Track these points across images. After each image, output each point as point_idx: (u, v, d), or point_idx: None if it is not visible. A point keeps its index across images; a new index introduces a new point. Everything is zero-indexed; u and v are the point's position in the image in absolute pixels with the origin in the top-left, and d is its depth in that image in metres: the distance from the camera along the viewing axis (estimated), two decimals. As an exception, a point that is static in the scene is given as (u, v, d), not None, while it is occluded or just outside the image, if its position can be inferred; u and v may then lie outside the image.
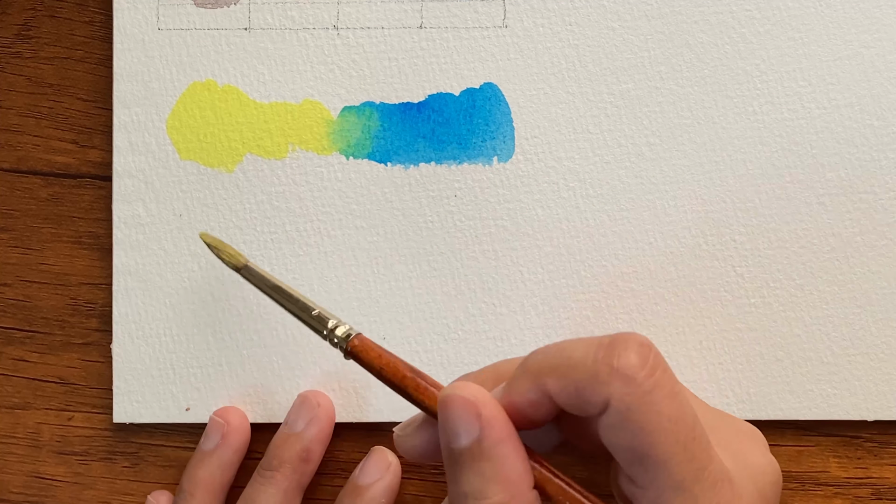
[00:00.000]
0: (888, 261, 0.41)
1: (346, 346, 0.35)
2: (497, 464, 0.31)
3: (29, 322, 0.42)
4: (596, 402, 0.30)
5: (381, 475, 0.40)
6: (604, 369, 0.30)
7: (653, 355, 0.31)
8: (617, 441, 0.31)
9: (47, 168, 0.42)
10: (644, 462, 0.30)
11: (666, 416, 0.30)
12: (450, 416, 0.32)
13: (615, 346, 0.31)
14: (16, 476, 0.42)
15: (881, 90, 0.41)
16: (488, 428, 0.31)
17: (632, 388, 0.30)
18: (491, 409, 0.32)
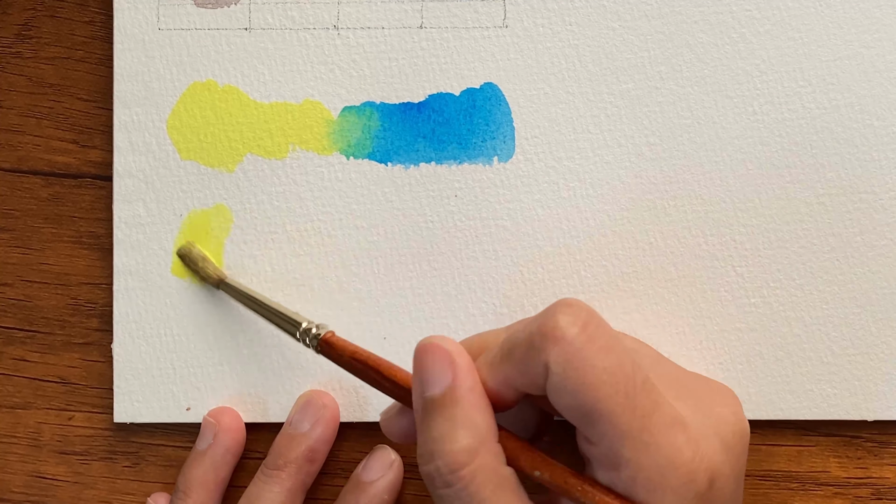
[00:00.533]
0: (888, 261, 0.41)
1: (317, 343, 0.37)
2: (467, 410, 0.32)
3: (29, 322, 0.42)
4: (538, 371, 0.31)
5: (384, 472, 0.40)
6: (537, 337, 0.31)
7: (584, 313, 0.31)
8: (563, 404, 0.31)
9: (48, 168, 0.42)
10: (590, 418, 0.31)
11: (601, 368, 0.31)
12: (426, 364, 0.33)
13: (546, 314, 0.32)
14: (16, 476, 0.42)
15: (881, 90, 0.41)
16: (460, 376, 0.33)
17: (564, 347, 0.31)
18: (463, 358, 0.33)
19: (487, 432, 0.32)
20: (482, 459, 0.32)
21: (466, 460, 0.32)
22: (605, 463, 0.32)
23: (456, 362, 0.33)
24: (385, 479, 0.40)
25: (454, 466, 0.32)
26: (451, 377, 0.33)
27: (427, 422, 0.33)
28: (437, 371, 0.33)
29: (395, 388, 0.35)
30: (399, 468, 0.40)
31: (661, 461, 0.31)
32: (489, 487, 0.32)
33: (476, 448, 0.32)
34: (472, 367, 0.33)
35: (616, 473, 0.31)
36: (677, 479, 0.31)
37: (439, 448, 0.32)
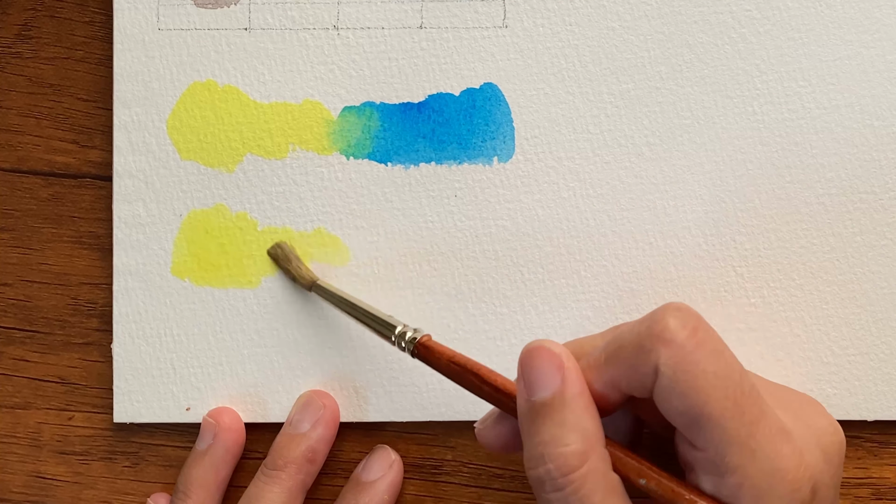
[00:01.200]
0: (888, 261, 0.41)
1: (413, 347, 0.36)
2: (577, 414, 0.32)
3: (29, 322, 0.42)
4: (647, 372, 0.31)
5: (385, 472, 0.40)
6: (647, 340, 0.31)
7: (692, 317, 0.32)
8: (671, 407, 0.31)
9: (48, 168, 0.42)
10: (699, 422, 0.31)
11: (712, 372, 0.31)
12: (534, 367, 0.33)
13: (654, 316, 0.32)
14: (16, 476, 0.42)
15: (881, 90, 0.41)
16: (571, 379, 0.33)
17: (675, 350, 0.31)
18: (571, 361, 0.33)
19: (596, 437, 0.32)
20: (592, 464, 0.32)
21: (577, 464, 0.32)
22: (710, 469, 0.31)
23: (565, 365, 0.33)
24: (385, 479, 0.40)
25: (565, 470, 0.31)
26: (559, 381, 0.32)
27: (536, 425, 0.32)
28: (546, 374, 0.33)
29: (495, 393, 0.35)
30: (399, 468, 0.40)
31: (767, 469, 0.31)
32: (599, 492, 0.31)
33: (587, 452, 0.32)
34: (580, 371, 0.33)
35: (721, 480, 0.31)
36: (783, 487, 0.31)
37: (550, 451, 0.32)
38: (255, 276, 0.41)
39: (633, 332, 0.32)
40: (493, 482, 0.41)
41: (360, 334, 0.41)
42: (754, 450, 0.31)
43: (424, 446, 0.41)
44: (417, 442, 0.41)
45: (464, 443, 0.41)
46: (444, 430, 0.41)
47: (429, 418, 0.41)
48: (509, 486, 0.41)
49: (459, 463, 0.41)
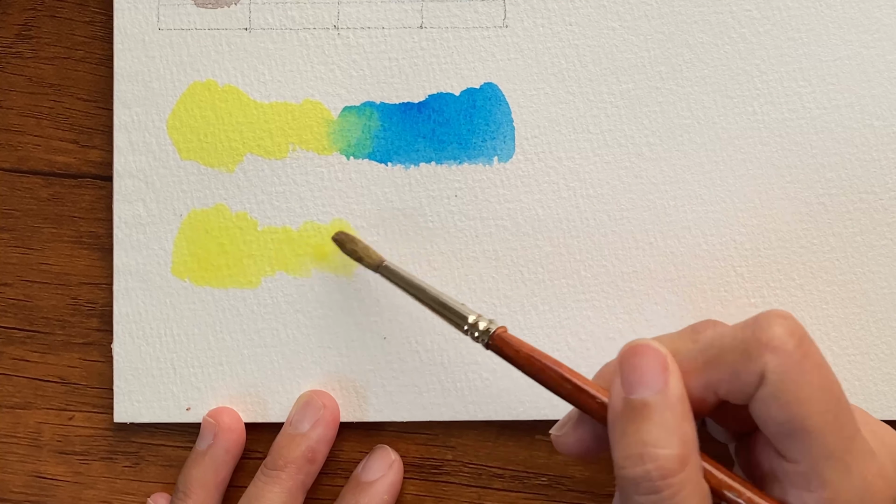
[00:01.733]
0: (888, 261, 0.41)
1: (488, 339, 0.35)
2: (678, 417, 0.31)
3: (29, 322, 0.42)
4: (751, 379, 0.31)
5: (385, 472, 0.40)
6: (754, 346, 0.31)
7: (798, 326, 0.31)
8: (770, 414, 0.31)
9: (48, 168, 0.42)
10: (797, 433, 0.31)
11: (817, 385, 0.31)
12: (637, 365, 0.32)
13: (759, 322, 0.32)
14: (16, 476, 0.42)
15: (881, 90, 0.41)
16: (674, 381, 0.32)
17: (783, 359, 0.31)
18: (675, 365, 0.32)
19: (694, 443, 0.32)
20: (691, 470, 0.31)
21: (678, 468, 0.31)
22: (801, 482, 0.31)
23: (669, 367, 0.32)
24: (385, 480, 0.40)
25: (666, 473, 0.31)
26: (663, 381, 0.32)
27: (635, 424, 0.32)
28: (650, 373, 0.32)
29: (575, 392, 0.34)
30: (399, 468, 0.40)
31: (860, 486, 0.31)
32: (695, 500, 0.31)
33: (687, 457, 0.31)
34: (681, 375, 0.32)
35: (812, 495, 0.31)
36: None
37: (650, 452, 0.31)
38: (255, 276, 0.41)
39: (737, 337, 0.32)
40: (493, 482, 0.41)
41: (359, 334, 0.41)
42: (849, 465, 0.31)
43: (424, 446, 0.41)
44: (417, 442, 0.41)
45: (464, 443, 0.41)
46: (444, 430, 0.41)
47: (429, 418, 0.41)
48: (509, 486, 0.41)
49: (459, 463, 0.41)
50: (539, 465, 0.41)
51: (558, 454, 0.41)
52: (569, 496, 0.41)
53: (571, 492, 0.41)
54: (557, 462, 0.41)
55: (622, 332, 0.40)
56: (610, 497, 0.41)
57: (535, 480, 0.41)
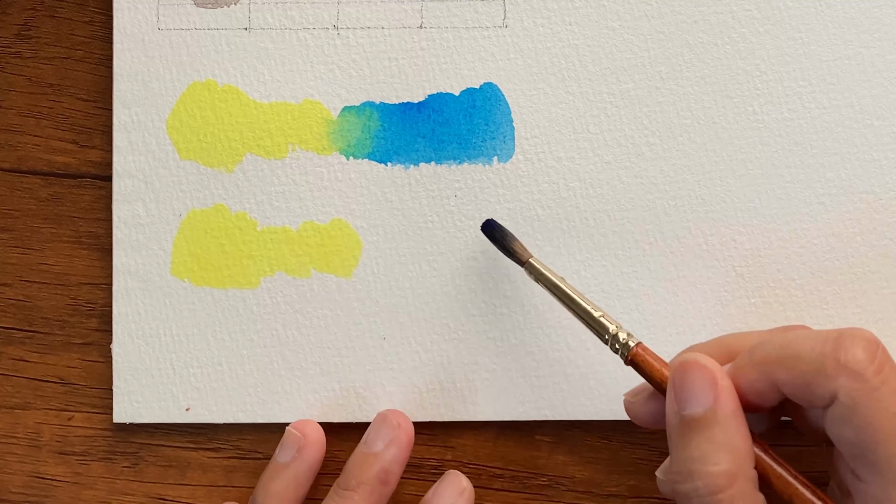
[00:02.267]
0: (888, 261, 0.41)
1: (627, 353, 0.36)
2: (728, 433, 0.32)
3: (29, 322, 0.42)
4: (822, 395, 0.31)
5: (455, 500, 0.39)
6: (831, 364, 0.31)
7: (880, 352, 0.31)
8: (842, 434, 0.31)
9: (47, 168, 0.42)
10: (868, 457, 0.31)
11: (893, 412, 0.31)
12: (687, 381, 0.33)
13: (842, 341, 0.31)
14: (16, 476, 0.42)
15: (881, 90, 0.41)
16: (724, 397, 0.33)
17: (859, 384, 0.31)
18: (726, 379, 0.33)
19: (746, 457, 0.32)
20: (741, 485, 0.32)
21: (726, 484, 0.32)
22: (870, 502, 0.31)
23: (719, 383, 0.33)
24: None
25: (714, 489, 0.32)
26: (713, 398, 0.33)
27: (685, 439, 0.33)
28: (699, 390, 0.33)
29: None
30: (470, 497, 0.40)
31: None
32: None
33: (736, 472, 0.32)
34: (734, 390, 0.33)
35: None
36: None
37: (699, 469, 0.32)
38: (254, 276, 0.41)
39: (816, 349, 0.32)
40: (494, 482, 0.41)
41: (359, 334, 0.41)
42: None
43: (424, 446, 0.41)
44: (417, 442, 0.41)
45: (464, 443, 0.41)
46: (444, 430, 0.41)
47: (429, 418, 0.41)
48: (509, 486, 0.41)
49: (459, 463, 0.41)
50: (539, 465, 0.41)
51: (558, 454, 0.41)
52: (569, 496, 0.41)
53: (571, 492, 0.41)
54: (557, 462, 0.41)
55: (622, 332, 0.40)
56: (610, 497, 0.41)
57: (535, 480, 0.41)
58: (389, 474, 0.39)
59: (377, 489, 0.38)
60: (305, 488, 0.40)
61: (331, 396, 0.41)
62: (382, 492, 0.39)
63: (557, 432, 0.41)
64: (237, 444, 0.41)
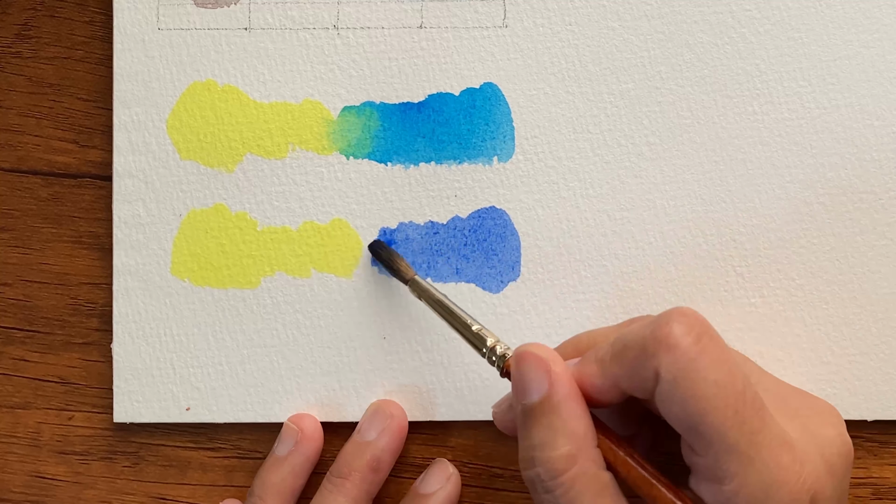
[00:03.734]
0: (888, 261, 0.41)
1: (503, 365, 0.36)
2: (564, 418, 0.33)
3: (29, 322, 0.42)
4: (648, 376, 0.32)
5: (442, 484, 0.40)
6: (651, 343, 0.32)
7: (698, 323, 0.32)
8: (671, 411, 0.32)
9: (47, 168, 0.42)
10: (698, 429, 0.31)
11: (713, 381, 0.31)
12: (522, 372, 0.34)
13: (660, 320, 0.32)
14: (16, 475, 0.42)
15: (881, 90, 0.41)
16: (557, 384, 0.33)
17: (676, 356, 0.31)
18: (559, 366, 0.33)
19: (585, 438, 0.33)
20: (581, 466, 0.32)
21: (565, 467, 0.32)
22: (708, 475, 0.32)
23: (552, 370, 0.33)
24: (442, 492, 0.40)
25: (554, 473, 0.32)
26: (547, 385, 0.33)
27: (527, 428, 0.33)
28: (533, 379, 0.33)
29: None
30: (456, 481, 0.40)
31: (765, 479, 0.31)
32: (589, 494, 0.32)
33: (575, 455, 0.32)
34: (569, 374, 0.34)
35: (718, 487, 0.31)
36: (780, 498, 0.31)
37: (539, 455, 0.33)
38: (254, 276, 0.41)
39: (639, 334, 0.32)
40: (494, 482, 0.41)
41: (359, 334, 0.41)
42: (752, 458, 0.31)
43: (424, 446, 0.41)
44: (417, 442, 0.41)
45: (464, 443, 0.41)
46: (444, 430, 0.41)
47: (429, 418, 0.41)
48: (509, 486, 0.41)
49: (459, 463, 0.41)
50: (539, 465, 0.41)
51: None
52: (569, 496, 0.41)
53: (571, 492, 0.41)
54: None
55: (622, 332, 0.40)
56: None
57: (534, 480, 0.41)
58: (381, 462, 0.39)
59: (368, 476, 0.39)
60: (303, 481, 0.40)
61: (331, 396, 0.41)
62: (373, 479, 0.39)
63: (557, 432, 0.41)
64: (237, 444, 0.41)
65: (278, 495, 0.39)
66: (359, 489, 0.39)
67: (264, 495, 0.39)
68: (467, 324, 0.37)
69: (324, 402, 0.41)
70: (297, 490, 0.40)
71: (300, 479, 0.40)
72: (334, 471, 0.39)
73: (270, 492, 0.39)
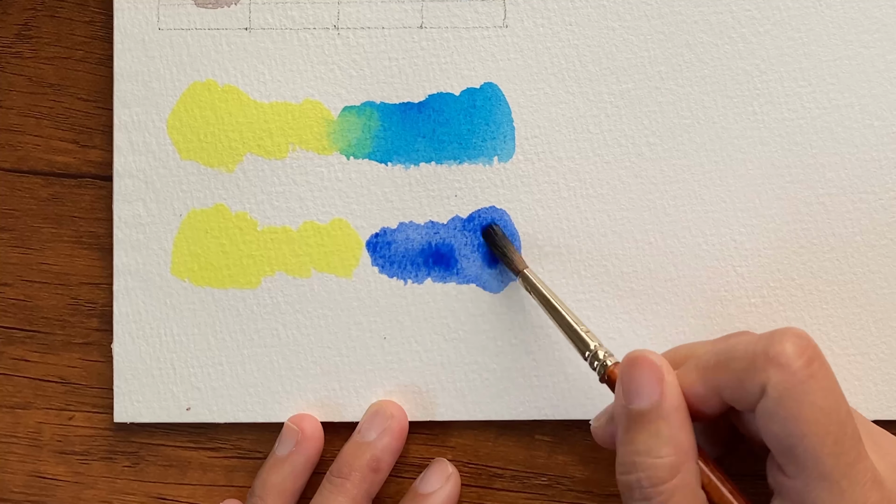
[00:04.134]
0: (888, 261, 0.41)
1: (604, 372, 0.36)
2: (672, 428, 0.33)
3: (29, 322, 0.42)
4: (753, 389, 0.32)
5: (442, 484, 0.40)
6: (761, 357, 0.32)
7: (810, 347, 0.32)
8: (770, 428, 0.32)
9: (47, 168, 0.42)
10: (794, 451, 0.31)
11: (819, 407, 0.31)
12: (634, 376, 0.34)
13: (773, 337, 0.32)
14: (16, 475, 0.42)
15: (881, 90, 0.41)
16: (669, 392, 0.33)
17: (786, 376, 0.31)
18: (671, 375, 0.34)
19: (689, 451, 0.33)
20: (683, 477, 0.32)
21: (668, 476, 0.32)
22: (795, 499, 0.32)
23: (665, 378, 0.33)
24: (442, 492, 0.40)
25: (655, 481, 0.32)
26: (659, 392, 0.33)
27: (631, 433, 0.33)
28: (646, 384, 0.33)
29: None
30: (456, 480, 0.40)
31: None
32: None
33: (678, 465, 0.32)
34: (678, 386, 0.34)
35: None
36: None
37: (642, 461, 0.33)
38: (255, 276, 0.41)
39: (749, 347, 0.32)
40: (494, 482, 0.41)
41: (359, 334, 0.41)
42: (844, 490, 0.31)
43: (424, 446, 0.41)
44: (417, 442, 0.41)
45: (464, 443, 0.41)
46: (444, 430, 0.41)
47: (429, 418, 0.41)
48: (509, 486, 0.41)
49: (460, 463, 0.41)
50: (539, 465, 0.41)
51: (558, 454, 0.41)
52: (569, 496, 0.41)
53: (571, 492, 0.41)
54: (557, 462, 0.41)
55: (622, 332, 0.40)
56: (610, 497, 0.41)
57: (535, 480, 0.41)
58: (381, 462, 0.39)
59: (368, 476, 0.39)
60: (303, 481, 0.40)
61: (331, 396, 0.41)
62: (373, 479, 0.39)
63: (557, 432, 0.41)
64: (237, 444, 0.41)
65: (279, 495, 0.39)
66: (359, 489, 0.39)
67: (265, 496, 0.39)
68: (571, 325, 0.37)
69: (324, 402, 0.41)
70: (298, 490, 0.40)
71: (301, 480, 0.40)
72: (334, 471, 0.39)
73: (271, 492, 0.39)
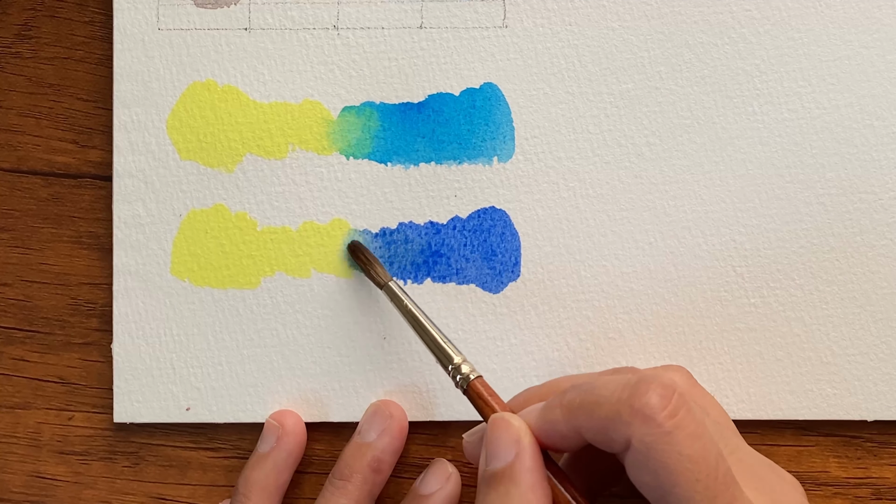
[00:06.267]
0: (888, 261, 0.41)
1: (467, 386, 0.36)
2: (521, 490, 0.33)
3: (29, 322, 0.42)
4: (619, 440, 0.32)
5: (442, 485, 0.40)
6: (626, 409, 0.31)
7: (676, 396, 0.31)
8: (640, 479, 0.32)
9: (47, 168, 0.42)
10: (667, 499, 0.31)
11: (686, 455, 0.31)
12: (492, 438, 0.34)
13: (638, 387, 0.32)
14: (16, 476, 0.42)
15: (881, 90, 0.41)
16: (522, 455, 0.33)
17: (652, 429, 0.31)
18: (528, 437, 0.34)
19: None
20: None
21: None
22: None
23: (521, 442, 0.33)
24: (442, 492, 0.40)
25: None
26: (513, 454, 0.33)
27: (484, 492, 0.33)
28: (502, 446, 0.34)
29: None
30: (457, 481, 0.40)
31: None
32: None
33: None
34: (536, 448, 0.34)
35: None
36: None
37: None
38: (254, 276, 0.41)
39: (614, 396, 0.32)
40: (493, 482, 0.41)
41: (359, 334, 0.41)
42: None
43: (424, 446, 0.41)
44: (417, 442, 0.41)
45: (464, 443, 0.41)
46: (444, 430, 0.41)
47: (429, 418, 0.41)
48: (509, 486, 0.41)
49: (459, 463, 0.41)
50: (539, 465, 0.41)
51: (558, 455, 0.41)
52: (569, 496, 0.41)
53: (571, 492, 0.41)
54: (559, 463, 0.41)
55: (622, 332, 0.40)
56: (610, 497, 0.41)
57: (534, 480, 0.41)
58: (382, 463, 0.39)
59: (370, 478, 0.39)
60: (286, 477, 0.40)
61: (331, 396, 0.41)
62: (375, 480, 0.39)
63: (557, 432, 0.41)
64: (237, 444, 0.41)
65: (262, 492, 0.39)
66: (361, 491, 0.39)
67: (248, 493, 0.39)
68: (434, 338, 0.37)
69: (324, 403, 0.41)
70: (282, 486, 0.40)
71: (283, 475, 0.40)
72: (336, 473, 0.39)
73: (254, 489, 0.39)
